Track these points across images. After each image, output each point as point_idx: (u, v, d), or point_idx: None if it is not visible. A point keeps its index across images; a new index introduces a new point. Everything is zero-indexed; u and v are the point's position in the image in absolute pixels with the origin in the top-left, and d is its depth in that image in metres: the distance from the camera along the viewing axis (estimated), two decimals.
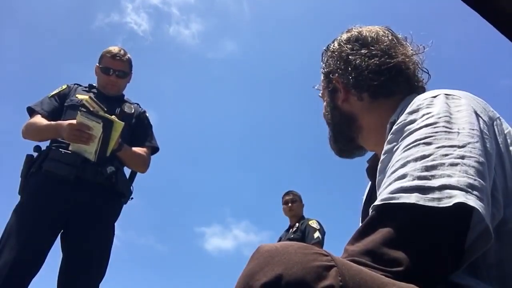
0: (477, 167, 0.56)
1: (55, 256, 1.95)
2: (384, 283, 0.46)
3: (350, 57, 0.91)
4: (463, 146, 0.58)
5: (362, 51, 0.89)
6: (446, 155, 0.58)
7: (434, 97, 0.69)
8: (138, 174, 2.25)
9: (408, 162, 0.59)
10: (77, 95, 2.16)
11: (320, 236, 3.54)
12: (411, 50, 0.90)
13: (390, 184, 0.58)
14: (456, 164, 0.56)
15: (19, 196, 2.02)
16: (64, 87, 2.22)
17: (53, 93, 2.19)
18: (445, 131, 0.61)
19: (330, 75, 0.95)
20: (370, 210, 0.57)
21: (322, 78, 1.01)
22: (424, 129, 0.63)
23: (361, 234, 0.55)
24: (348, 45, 0.92)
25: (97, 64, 2.23)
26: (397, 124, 0.69)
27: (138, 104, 2.34)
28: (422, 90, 0.89)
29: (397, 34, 0.93)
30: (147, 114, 2.33)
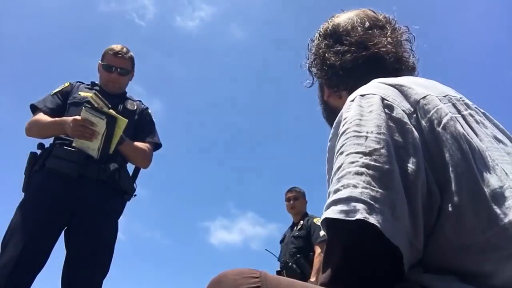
0: (381, 178, 0.56)
1: (59, 253, 1.97)
2: (304, 286, 0.53)
3: (326, 55, 0.90)
4: (368, 154, 0.59)
5: (336, 47, 0.89)
6: (353, 162, 0.59)
7: (352, 100, 0.69)
8: (142, 170, 2.25)
9: (331, 178, 0.62)
10: (79, 93, 2.19)
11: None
12: (393, 34, 0.87)
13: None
14: (361, 174, 0.57)
15: (23, 194, 2.03)
16: (66, 84, 2.24)
17: (56, 90, 2.21)
18: (355, 136, 0.62)
19: (312, 69, 0.96)
20: None
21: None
22: (341, 138, 0.64)
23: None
24: (324, 41, 0.92)
25: (100, 62, 2.24)
26: (335, 122, 0.69)
27: (140, 101, 2.36)
28: (412, 70, 0.89)
29: (379, 16, 0.91)
30: (150, 111, 2.35)
